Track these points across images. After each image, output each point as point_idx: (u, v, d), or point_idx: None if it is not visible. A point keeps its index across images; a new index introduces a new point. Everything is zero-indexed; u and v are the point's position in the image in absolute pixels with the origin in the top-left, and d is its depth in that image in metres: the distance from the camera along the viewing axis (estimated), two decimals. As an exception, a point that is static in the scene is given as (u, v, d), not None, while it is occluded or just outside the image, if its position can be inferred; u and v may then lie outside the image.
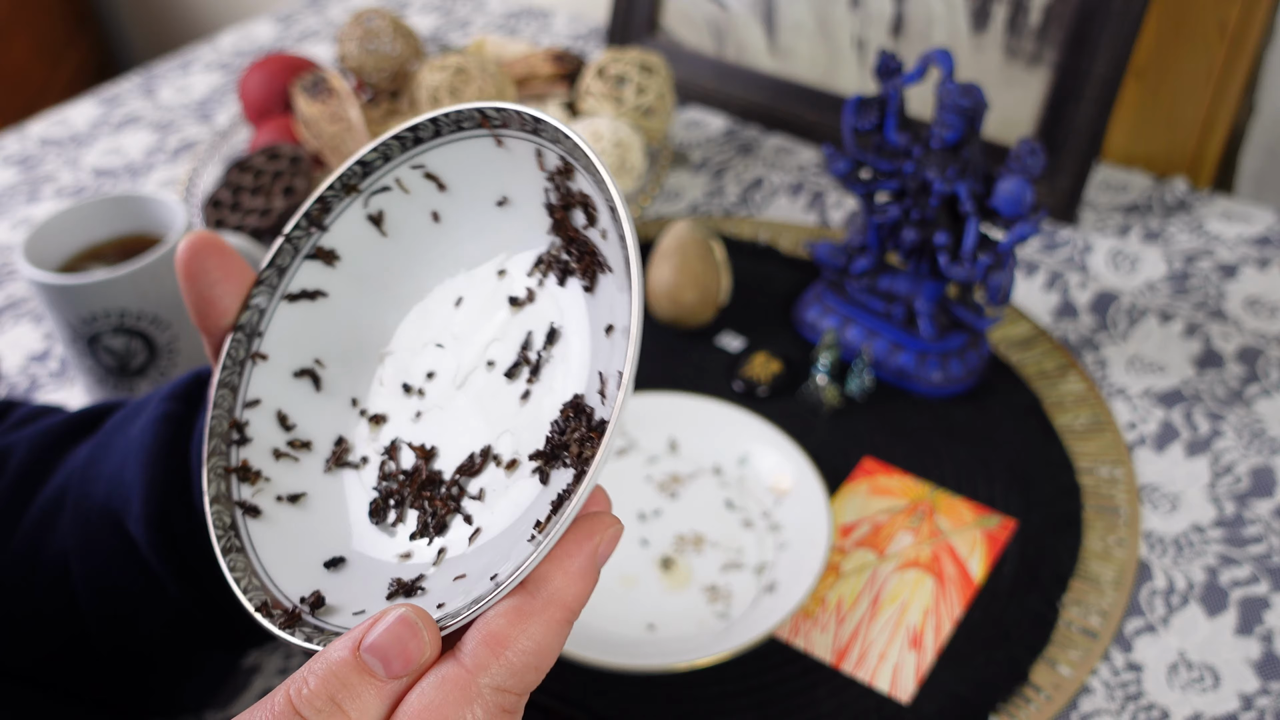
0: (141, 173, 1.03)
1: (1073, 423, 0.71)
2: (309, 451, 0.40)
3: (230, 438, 0.39)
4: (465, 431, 0.38)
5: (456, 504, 0.37)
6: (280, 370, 0.40)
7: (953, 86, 0.65)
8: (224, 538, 0.37)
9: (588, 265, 0.37)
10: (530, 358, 0.38)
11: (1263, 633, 0.59)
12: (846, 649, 0.59)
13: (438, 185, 0.40)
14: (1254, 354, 0.75)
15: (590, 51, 1.17)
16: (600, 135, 0.82)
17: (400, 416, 0.40)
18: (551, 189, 0.38)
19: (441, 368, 0.40)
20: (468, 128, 0.39)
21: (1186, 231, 0.87)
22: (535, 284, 0.39)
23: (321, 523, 0.38)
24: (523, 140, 0.38)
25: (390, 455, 0.39)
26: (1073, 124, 0.85)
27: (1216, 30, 0.86)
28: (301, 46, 1.23)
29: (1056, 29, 0.84)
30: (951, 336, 0.73)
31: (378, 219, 0.41)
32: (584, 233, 0.37)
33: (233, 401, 0.39)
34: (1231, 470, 0.68)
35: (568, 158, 0.37)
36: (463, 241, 0.41)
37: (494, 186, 0.40)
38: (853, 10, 0.93)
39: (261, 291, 0.40)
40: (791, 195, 0.93)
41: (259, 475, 0.39)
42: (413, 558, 0.37)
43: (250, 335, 0.40)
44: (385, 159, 0.40)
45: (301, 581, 0.36)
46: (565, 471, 0.35)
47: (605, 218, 0.36)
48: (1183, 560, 0.63)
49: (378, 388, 0.41)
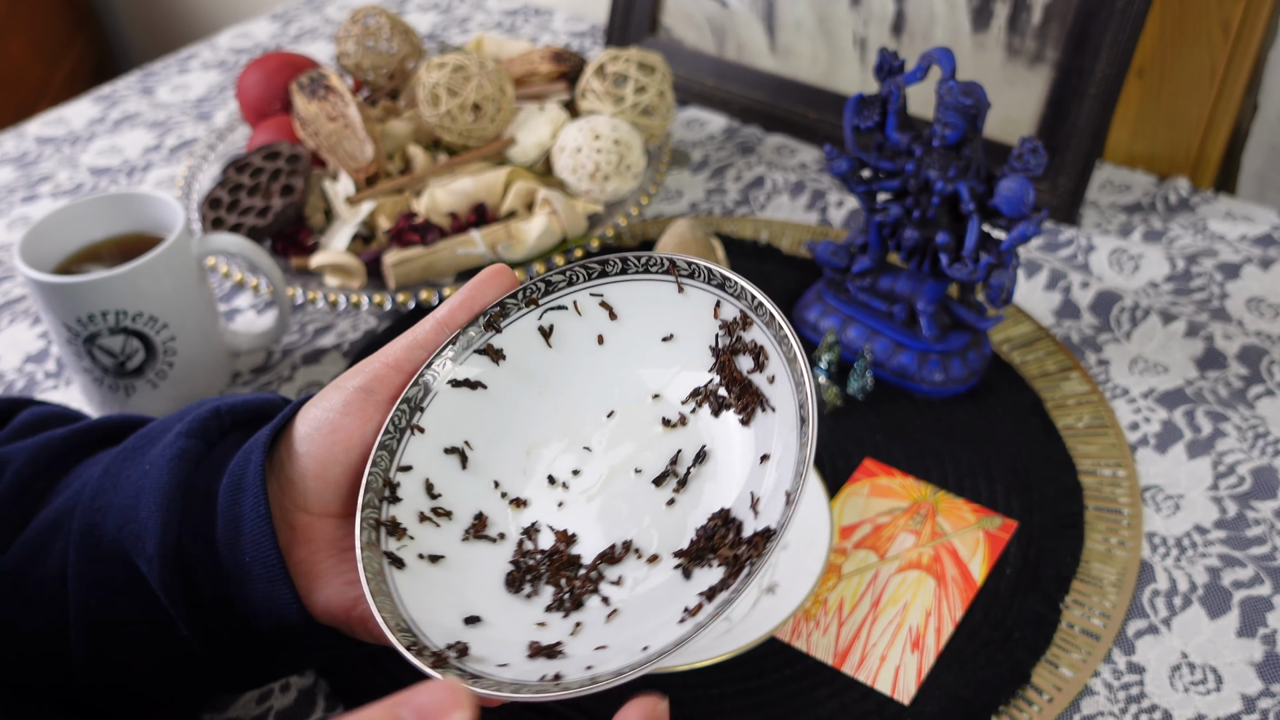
0: (139, 172, 1.03)
1: (1075, 423, 0.71)
2: (450, 520, 0.44)
3: (383, 494, 0.43)
4: (607, 524, 0.43)
5: (595, 586, 0.42)
6: (433, 444, 0.44)
7: (954, 85, 0.64)
8: (372, 581, 0.40)
9: (747, 403, 0.43)
10: (678, 471, 0.44)
11: (1265, 634, 0.59)
12: (847, 650, 0.59)
13: (610, 314, 0.46)
14: (1257, 354, 0.75)
15: (590, 50, 1.17)
16: (599, 134, 0.82)
17: (542, 503, 0.45)
18: (722, 335, 0.44)
19: (587, 468, 0.45)
20: (654, 271, 0.45)
21: (1189, 231, 0.87)
22: (689, 411, 0.45)
23: (459, 583, 0.42)
24: (705, 291, 0.44)
25: (529, 535, 0.44)
26: (1074, 123, 0.84)
27: (1219, 29, 0.86)
28: (299, 45, 1.23)
29: (1058, 28, 0.84)
30: (953, 336, 0.73)
31: (547, 331, 0.46)
32: (748, 375, 0.43)
33: (389, 463, 0.43)
34: (1234, 471, 0.67)
35: (749, 313, 0.43)
36: (621, 365, 0.46)
37: (663, 324, 0.46)
38: (854, 9, 0.93)
39: (431, 373, 0.45)
40: (792, 195, 0.93)
41: (404, 532, 0.42)
42: (548, 627, 0.41)
43: (414, 408, 0.44)
44: (569, 282, 0.46)
45: (441, 632, 0.40)
46: (712, 570, 0.40)
47: (779, 368, 0.42)
48: (1185, 561, 0.63)
49: (521, 476, 0.45)
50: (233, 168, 0.82)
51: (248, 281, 0.77)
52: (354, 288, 0.77)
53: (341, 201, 0.81)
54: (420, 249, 0.77)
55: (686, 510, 0.42)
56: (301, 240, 0.80)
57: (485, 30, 1.23)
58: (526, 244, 0.77)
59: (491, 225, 0.79)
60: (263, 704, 0.58)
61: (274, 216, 0.78)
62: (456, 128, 0.83)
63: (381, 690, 0.58)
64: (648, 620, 0.39)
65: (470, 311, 0.46)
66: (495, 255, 0.77)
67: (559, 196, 0.79)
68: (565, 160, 0.82)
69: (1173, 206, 0.89)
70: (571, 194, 0.83)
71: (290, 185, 0.79)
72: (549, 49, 0.91)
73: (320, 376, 0.78)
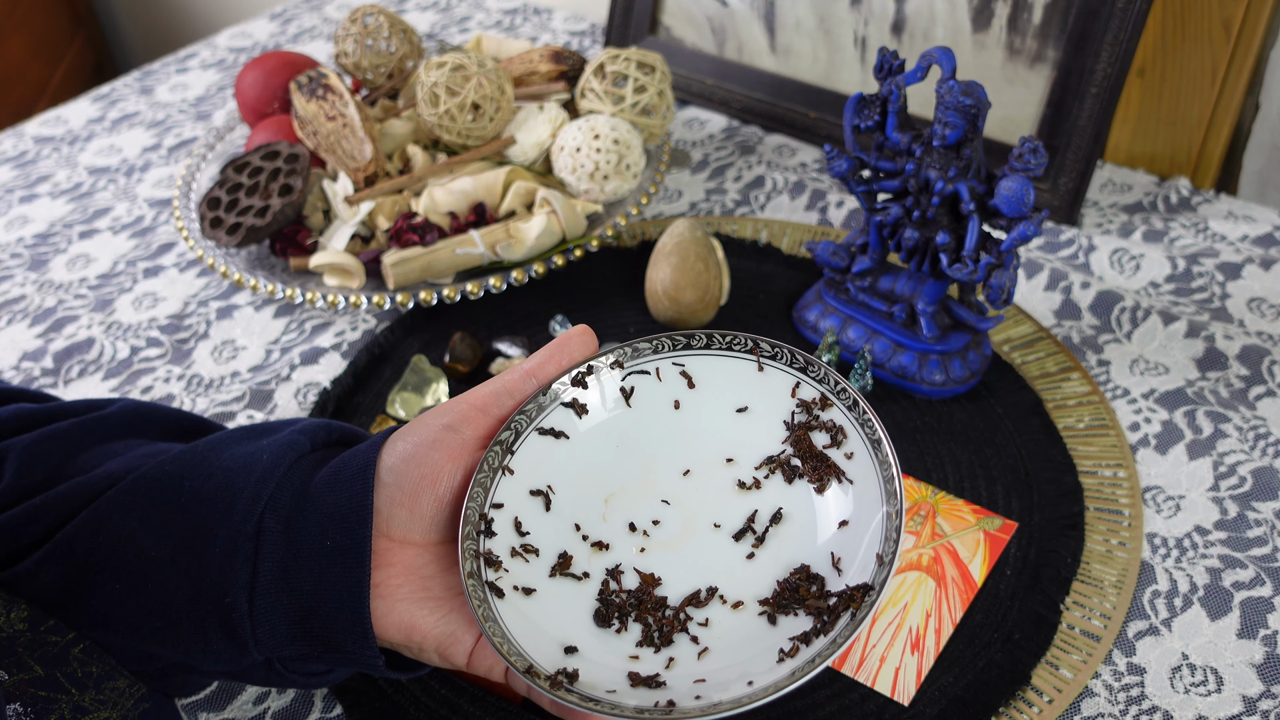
0: (138, 172, 1.02)
1: (1075, 424, 0.71)
2: (536, 557, 0.47)
3: (479, 527, 0.46)
4: (689, 571, 0.47)
5: (683, 626, 0.46)
6: (521, 485, 0.48)
7: (954, 85, 0.64)
8: (480, 607, 0.44)
9: (821, 474, 0.48)
10: (756, 529, 0.48)
11: (1266, 635, 0.59)
12: (847, 651, 0.58)
13: (688, 383, 0.51)
14: (1258, 354, 0.75)
15: (589, 49, 1.17)
16: (599, 134, 0.82)
17: (623, 547, 0.48)
18: (799, 412, 0.50)
19: (666, 519, 0.49)
20: (737, 350, 0.51)
21: (1189, 231, 0.86)
22: (763, 476, 0.49)
23: (551, 615, 0.46)
24: (785, 372, 0.50)
25: (614, 576, 0.47)
26: (1075, 123, 0.84)
27: (1220, 29, 0.86)
28: (298, 44, 1.23)
29: (1058, 27, 0.84)
30: (953, 337, 0.72)
31: (628, 392, 0.51)
32: (823, 450, 0.48)
33: (484, 499, 0.47)
34: (1235, 472, 0.67)
35: (830, 396, 0.49)
36: (696, 429, 0.51)
37: (739, 397, 0.51)
38: (854, 8, 0.93)
39: (522, 418, 0.49)
40: (792, 194, 0.93)
41: (500, 564, 0.46)
42: (641, 660, 0.45)
43: (505, 450, 0.48)
44: (654, 351, 0.51)
45: (544, 658, 0.43)
46: (799, 619, 0.45)
47: (860, 447, 0.47)
48: (1185, 562, 0.63)
49: (601, 521, 0.49)
50: (231, 167, 0.82)
51: (246, 281, 0.77)
52: (353, 288, 0.77)
53: (340, 201, 0.81)
54: (419, 249, 0.77)
55: (765, 564, 0.47)
56: (300, 240, 0.80)
57: (484, 29, 1.23)
58: (526, 244, 0.77)
59: (491, 225, 0.79)
60: (260, 704, 0.58)
61: (273, 216, 0.78)
62: (455, 127, 0.83)
63: (381, 693, 0.58)
64: (737, 657, 0.44)
65: (558, 365, 0.50)
66: (494, 255, 0.77)
67: (558, 196, 0.78)
68: (565, 160, 0.82)
69: (1174, 206, 0.89)
70: (571, 194, 0.83)
71: (289, 185, 0.79)
72: (548, 48, 0.91)
73: (318, 376, 0.77)
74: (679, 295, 0.76)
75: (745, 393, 0.50)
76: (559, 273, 0.84)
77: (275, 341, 0.81)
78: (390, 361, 0.78)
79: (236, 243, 0.77)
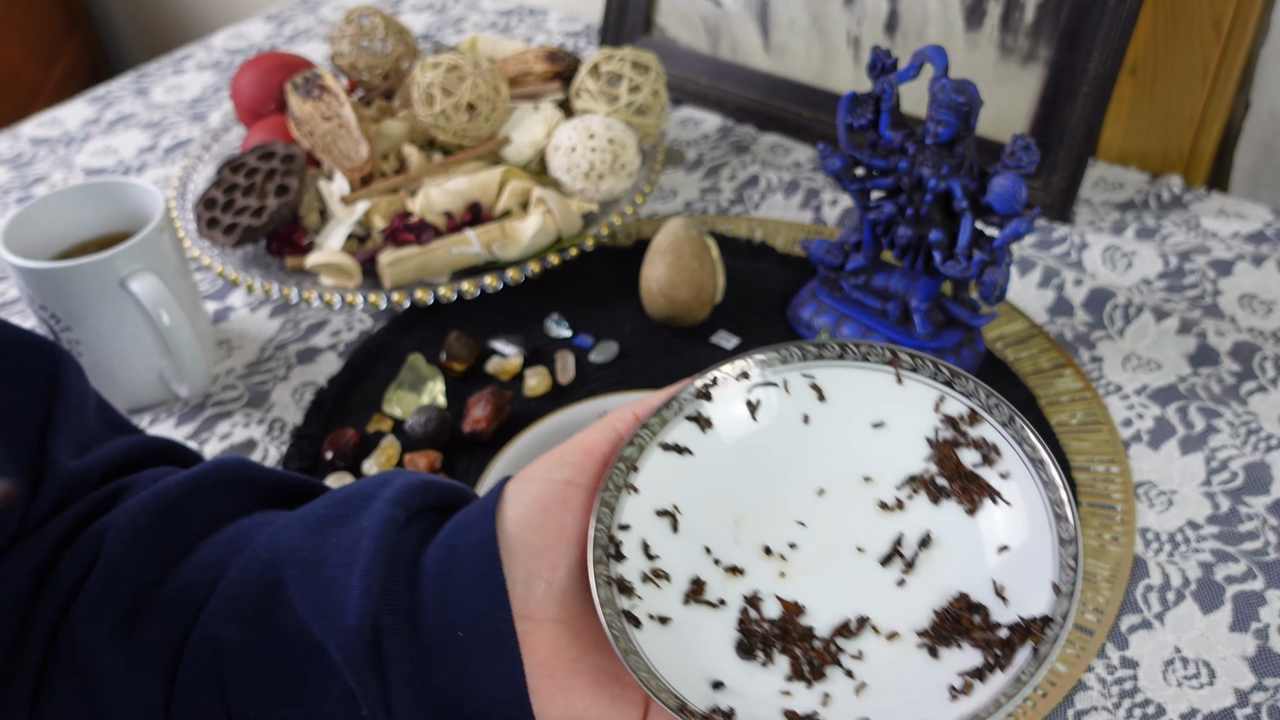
0: (134, 172, 1.03)
1: (1068, 420, 0.71)
2: (668, 582, 0.43)
3: (609, 550, 0.42)
4: (834, 599, 0.43)
5: (834, 659, 0.42)
6: (646, 505, 0.44)
7: (947, 83, 0.65)
8: (620, 639, 0.40)
9: (971, 495, 0.44)
10: (904, 554, 0.44)
11: (1258, 629, 0.59)
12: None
13: (819, 395, 0.47)
14: (1249, 350, 0.75)
15: (584, 50, 1.17)
16: (594, 133, 0.82)
17: (760, 573, 0.44)
18: (943, 428, 0.45)
19: (804, 541, 0.45)
20: (873, 360, 0.46)
21: (1181, 229, 0.87)
22: (905, 496, 0.45)
23: (691, 646, 0.42)
24: (927, 385, 0.45)
25: (753, 603, 0.43)
26: (1067, 121, 0.84)
27: (1211, 27, 0.86)
28: (294, 45, 1.23)
29: (1050, 26, 0.84)
30: (947, 334, 0.73)
31: (754, 405, 0.47)
32: (973, 469, 0.44)
33: (610, 520, 0.43)
34: (1226, 467, 0.68)
35: (981, 412, 0.44)
36: (826, 444, 0.46)
37: (874, 411, 0.46)
38: (847, 8, 0.93)
39: (645, 433, 0.45)
40: (786, 193, 0.93)
41: (633, 590, 0.42)
42: (793, 696, 0.41)
43: (629, 468, 0.44)
44: (782, 361, 0.47)
45: (693, 694, 0.40)
46: (964, 652, 0.40)
47: (1017, 466, 0.43)
48: (1178, 556, 0.63)
49: (732, 544, 0.45)
50: (228, 168, 0.82)
51: (242, 281, 0.77)
52: (349, 288, 0.77)
53: (336, 201, 0.81)
54: (415, 249, 0.77)
55: (918, 591, 0.43)
56: (296, 240, 0.80)
57: (480, 30, 1.23)
58: (521, 243, 0.77)
59: (486, 225, 0.79)
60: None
61: (269, 216, 0.78)
62: (451, 127, 0.83)
63: None
64: (904, 695, 0.40)
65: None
66: (490, 255, 0.77)
67: (554, 196, 0.79)
68: (560, 160, 0.82)
69: (1165, 204, 0.89)
70: (566, 193, 0.83)
71: (285, 185, 0.79)
72: (543, 49, 0.91)
73: (315, 376, 0.78)
74: (674, 294, 0.76)
75: (881, 406, 0.46)
76: (554, 272, 0.84)
77: (271, 340, 0.81)
78: (386, 361, 0.78)
79: (233, 243, 0.77)
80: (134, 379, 0.73)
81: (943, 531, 0.44)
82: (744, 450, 0.46)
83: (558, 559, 0.41)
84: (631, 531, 0.43)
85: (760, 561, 0.44)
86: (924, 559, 0.43)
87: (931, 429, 0.45)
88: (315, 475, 0.70)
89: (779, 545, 0.45)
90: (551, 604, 0.41)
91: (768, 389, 0.47)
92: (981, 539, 0.43)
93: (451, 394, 0.75)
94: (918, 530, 0.44)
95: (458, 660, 0.40)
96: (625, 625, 0.40)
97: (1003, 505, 0.43)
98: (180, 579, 0.44)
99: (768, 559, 0.45)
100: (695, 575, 0.44)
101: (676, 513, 0.45)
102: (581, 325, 0.80)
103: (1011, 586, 0.41)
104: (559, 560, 0.41)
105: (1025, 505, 0.42)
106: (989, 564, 0.42)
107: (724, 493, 0.46)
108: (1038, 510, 0.42)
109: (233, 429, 0.74)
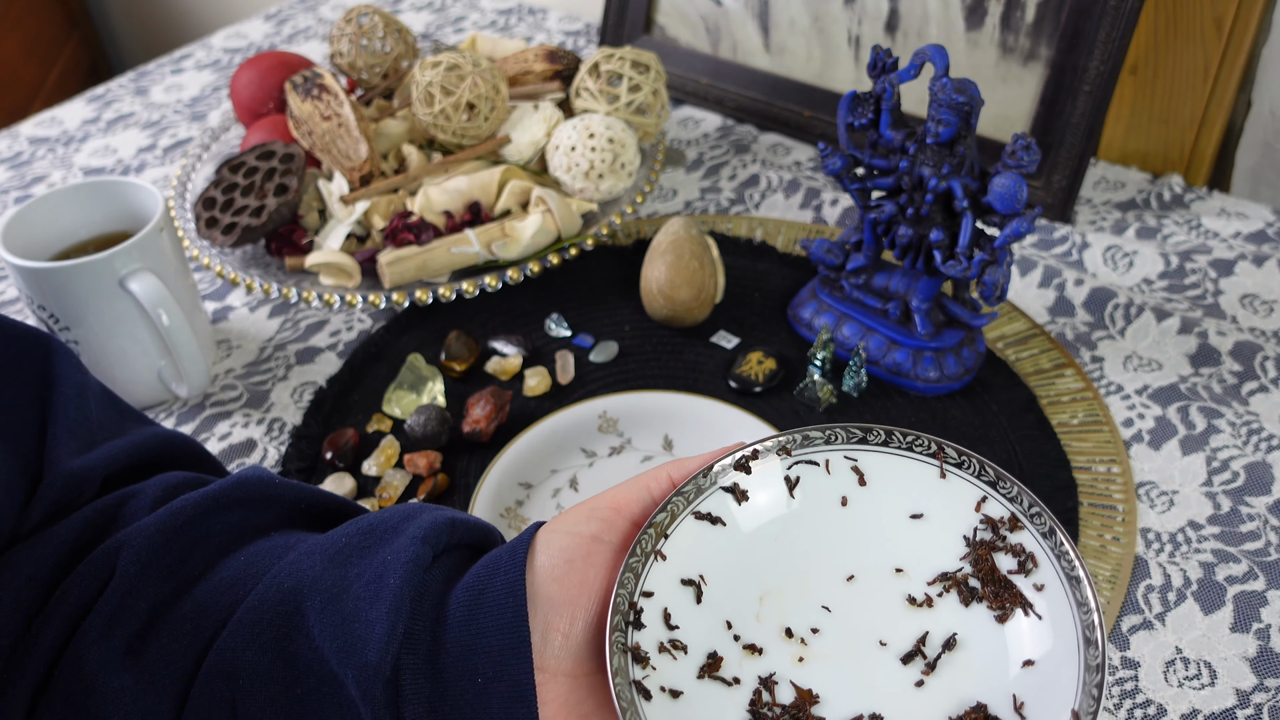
0: (133, 172, 1.02)
1: (1069, 420, 0.71)
2: (685, 654, 0.43)
3: (629, 618, 0.42)
4: (850, 691, 0.43)
5: None
6: (672, 573, 0.44)
7: (947, 82, 0.64)
8: (628, 710, 0.39)
9: (1004, 601, 0.43)
10: (926, 654, 0.43)
11: (1259, 629, 0.59)
12: None
13: (859, 479, 0.46)
14: (1250, 350, 0.75)
15: (584, 49, 1.17)
16: (594, 133, 0.82)
17: (778, 654, 0.43)
18: (983, 529, 0.44)
19: (826, 627, 0.44)
20: (918, 451, 0.46)
21: (1182, 228, 0.87)
22: (935, 594, 0.44)
23: None
24: (971, 483, 0.45)
25: (767, 685, 0.43)
26: (1068, 121, 0.84)
27: (1212, 26, 0.86)
28: (293, 45, 1.23)
29: (1051, 25, 0.84)
30: (947, 333, 0.73)
31: (793, 482, 0.46)
32: (1008, 575, 0.43)
33: (634, 586, 0.43)
34: (1228, 467, 0.68)
35: (1021, 518, 0.43)
36: (863, 531, 0.46)
37: (914, 502, 0.45)
38: (848, 7, 0.93)
39: (679, 500, 0.45)
40: (786, 193, 0.93)
41: (648, 661, 0.42)
42: None
43: (660, 534, 0.44)
44: (826, 441, 0.46)
45: None
46: None
47: (1052, 579, 0.42)
48: (1179, 557, 0.63)
49: (754, 621, 0.44)
50: (227, 167, 0.82)
51: (242, 281, 0.77)
52: (349, 287, 0.77)
53: (336, 201, 0.81)
54: (415, 248, 0.77)
55: (936, 695, 0.42)
56: (296, 239, 0.80)
57: (479, 29, 1.23)
58: (521, 243, 0.77)
59: (486, 224, 0.79)
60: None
61: (268, 216, 0.78)
62: (451, 127, 0.83)
63: None
64: None
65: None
66: (490, 254, 0.77)
67: (554, 195, 0.79)
68: (560, 159, 0.82)
69: (1166, 203, 0.89)
70: (566, 193, 0.83)
71: (284, 185, 0.79)
72: (543, 48, 0.91)
73: (314, 376, 0.77)
74: (674, 293, 0.76)
75: (922, 499, 0.45)
76: (554, 271, 0.84)
77: (270, 340, 0.81)
78: (386, 360, 0.78)
79: (232, 242, 0.77)
80: (133, 379, 0.73)
81: (969, 635, 0.43)
82: (777, 527, 0.46)
83: (576, 613, 0.41)
84: (654, 599, 0.43)
85: (780, 643, 0.44)
86: (946, 661, 0.42)
87: (970, 528, 0.44)
88: (315, 475, 0.70)
89: (801, 628, 0.44)
90: (566, 658, 0.41)
91: (809, 467, 0.46)
92: (1007, 649, 0.42)
93: (451, 394, 0.75)
94: (944, 630, 0.43)
95: (474, 706, 0.40)
96: (635, 696, 0.40)
97: (1033, 618, 0.42)
98: (197, 600, 0.43)
99: (788, 641, 0.44)
100: (713, 650, 0.43)
101: (702, 583, 0.44)
102: (581, 325, 0.80)
103: (1031, 704, 0.40)
104: (577, 615, 0.41)
105: (1055, 622, 0.41)
106: (1011, 676, 0.41)
107: (752, 568, 0.45)
108: (1067, 629, 0.41)
109: (232, 429, 0.74)
